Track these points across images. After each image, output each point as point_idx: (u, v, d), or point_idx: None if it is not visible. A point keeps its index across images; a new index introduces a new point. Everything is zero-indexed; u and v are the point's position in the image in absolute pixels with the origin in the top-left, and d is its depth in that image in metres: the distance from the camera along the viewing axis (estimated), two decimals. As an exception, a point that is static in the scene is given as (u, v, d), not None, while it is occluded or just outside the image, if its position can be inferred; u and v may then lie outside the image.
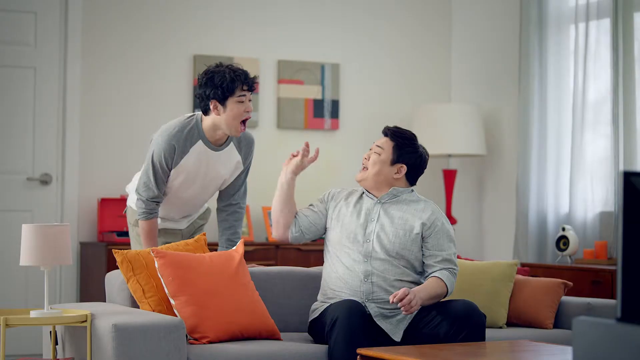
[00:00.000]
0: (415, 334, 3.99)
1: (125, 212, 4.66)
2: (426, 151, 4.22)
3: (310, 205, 4.26)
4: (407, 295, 3.84)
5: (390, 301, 3.86)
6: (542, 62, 6.31)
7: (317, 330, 4.05)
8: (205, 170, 4.34)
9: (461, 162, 7.04)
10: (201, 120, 4.30)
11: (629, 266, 2.27)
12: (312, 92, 6.78)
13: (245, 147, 4.43)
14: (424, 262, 4.10)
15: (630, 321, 2.25)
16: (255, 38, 6.67)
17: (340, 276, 4.08)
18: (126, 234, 5.77)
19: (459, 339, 3.89)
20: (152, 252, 3.96)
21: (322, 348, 3.93)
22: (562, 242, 5.91)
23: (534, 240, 6.26)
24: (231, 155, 4.38)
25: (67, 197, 6.18)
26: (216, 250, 4.44)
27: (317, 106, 6.80)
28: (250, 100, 4.26)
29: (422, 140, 4.77)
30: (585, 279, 5.49)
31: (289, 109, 6.70)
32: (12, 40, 6.13)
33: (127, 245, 5.29)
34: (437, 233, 4.09)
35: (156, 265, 3.94)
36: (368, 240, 4.08)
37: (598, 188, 6.01)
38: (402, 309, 3.86)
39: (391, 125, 4.32)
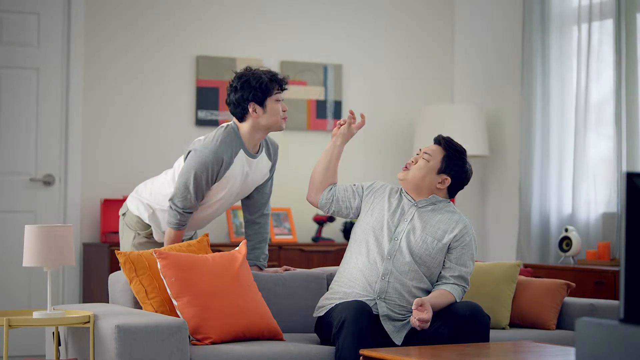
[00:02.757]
0: (419, 336, 3.98)
1: (124, 214, 4.52)
2: (472, 169, 4.25)
3: (354, 184, 4.30)
4: (427, 321, 3.85)
5: (413, 307, 3.86)
6: (544, 63, 6.31)
7: (323, 329, 4.05)
8: (244, 179, 4.30)
9: (464, 163, 7.03)
10: (238, 129, 4.26)
11: (632, 267, 2.27)
12: (315, 93, 6.78)
13: (274, 153, 4.42)
14: (440, 271, 4.11)
15: (633, 322, 2.25)
16: (258, 39, 6.67)
17: (360, 268, 4.08)
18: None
19: (463, 340, 3.89)
20: (155, 253, 3.96)
21: (324, 349, 3.93)
22: (564, 243, 5.91)
23: (537, 241, 6.26)
24: (264, 161, 4.36)
25: (69, 198, 6.19)
26: (220, 251, 4.44)
27: (320, 107, 6.80)
28: (282, 100, 4.28)
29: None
30: (588, 280, 5.49)
31: (292, 109, 6.69)
32: (15, 41, 6.13)
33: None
34: (463, 247, 4.10)
35: (159, 266, 3.94)
36: (396, 239, 4.08)
37: (601, 189, 6.00)
38: (415, 319, 3.85)
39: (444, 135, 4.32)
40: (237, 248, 4.24)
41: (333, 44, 6.89)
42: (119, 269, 4.34)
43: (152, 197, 4.42)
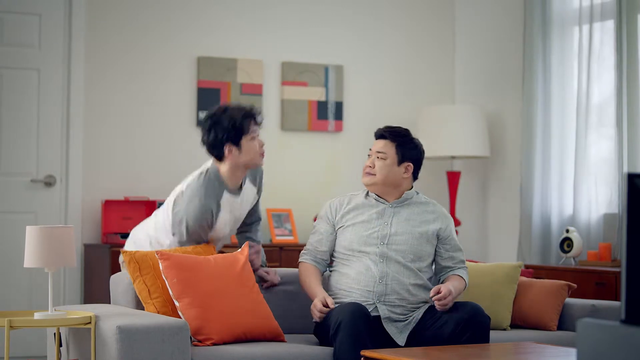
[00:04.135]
0: (420, 336, 4.00)
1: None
2: (420, 142, 4.29)
3: (314, 233, 4.26)
4: (448, 297, 3.94)
5: (431, 295, 3.96)
6: (545, 63, 6.31)
7: (322, 332, 4.06)
8: (233, 215, 4.29)
9: (465, 164, 7.04)
10: (217, 170, 4.19)
11: (633, 268, 2.27)
12: (316, 93, 6.78)
13: (259, 178, 4.39)
14: (439, 264, 4.19)
15: (634, 323, 2.25)
16: (259, 40, 6.67)
17: (353, 278, 4.10)
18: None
19: (462, 340, 3.89)
20: (157, 254, 3.96)
21: (325, 350, 3.93)
22: (566, 243, 5.91)
23: (538, 242, 6.26)
24: (249, 190, 4.34)
25: (71, 198, 6.19)
26: (221, 252, 4.44)
27: (321, 108, 6.80)
28: (259, 135, 4.19)
29: (426, 142, 4.77)
30: (589, 281, 5.49)
31: (293, 110, 6.70)
32: (16, 42, 6.14)
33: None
34: (450, 232, 4.22)
35: (161, 267, 3.94)
36: (382, 243, 4.10)
37: (602, 190, 6.00)
38: (436, 303, 3.95)
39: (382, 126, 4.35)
40: (239, 249, 4.24)
41: (334, 45, 6.88)
42: (120, 270, 4.34)
43: (155, 233, 4.32)
